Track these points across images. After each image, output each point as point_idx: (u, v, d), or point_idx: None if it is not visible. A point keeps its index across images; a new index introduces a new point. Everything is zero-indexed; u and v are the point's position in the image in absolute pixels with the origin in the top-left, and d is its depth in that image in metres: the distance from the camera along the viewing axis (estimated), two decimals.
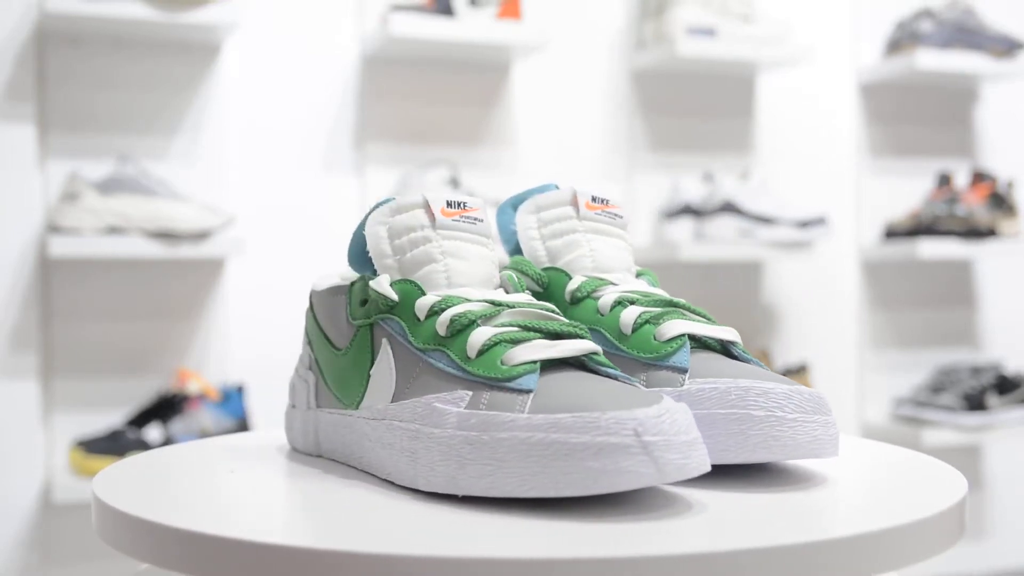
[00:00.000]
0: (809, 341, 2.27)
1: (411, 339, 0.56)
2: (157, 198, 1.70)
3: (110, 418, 1.79)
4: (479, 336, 0.54)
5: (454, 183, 1.90)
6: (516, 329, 0.54)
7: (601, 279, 0.63)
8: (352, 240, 0.61)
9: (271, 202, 1.91)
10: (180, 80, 1.85)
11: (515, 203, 0.67)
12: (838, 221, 2.28)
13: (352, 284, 0.61)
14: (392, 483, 0.56)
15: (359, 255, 0.61)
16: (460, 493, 0.51)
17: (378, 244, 0.59)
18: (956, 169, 2.37)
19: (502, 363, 0.52)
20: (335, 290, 0.63)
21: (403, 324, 0.57)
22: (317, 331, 0.64)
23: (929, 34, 2.18)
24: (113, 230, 1.68)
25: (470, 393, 0.52)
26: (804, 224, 2.05)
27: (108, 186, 1.68)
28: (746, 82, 2.22)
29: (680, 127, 2.17)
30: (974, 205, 2.18)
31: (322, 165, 1.95)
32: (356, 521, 0.48)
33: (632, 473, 0.47)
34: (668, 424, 0.48)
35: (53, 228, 1.67)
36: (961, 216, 2.15)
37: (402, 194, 1.87)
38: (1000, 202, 2.20)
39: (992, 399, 2.14)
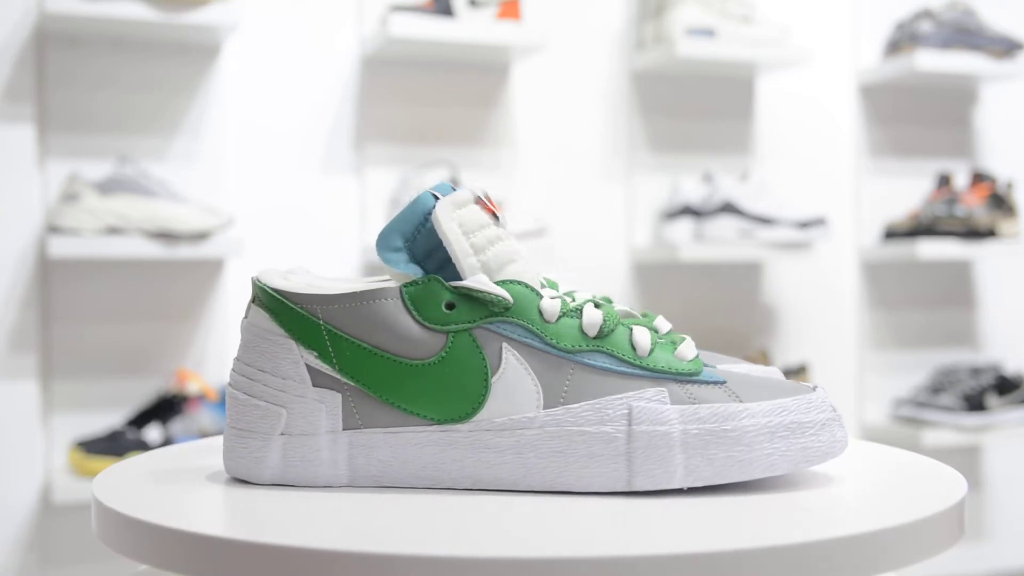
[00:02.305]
0: (809, 341, 2.27)
1: (551, 342, 0.54)
2: (157, 199, 1.70)
3: (110, 419, 1.79)
4: (643, 335, 0.55)
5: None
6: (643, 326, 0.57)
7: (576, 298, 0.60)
8: (391, 231, 0.55)
9: (270, 203, 1.91)
10: (180, 80, 1.85)
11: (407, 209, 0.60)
12: (838, 222, 2.28)
13: (412, 285, 0.55)
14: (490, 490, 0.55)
15: (411, 249, 0.55)
16: (698, 484, 0.53)
17: (460, 241, 0.54)
18: (956, 170, 2.37)
19: (677, 359, 0.55)
20: (374, 293, 0.55)
21: (530, 327, 0.54)
22: (342, 341, 0.55)
23: (929, 35, 2.18)
24: (113, 231, 1.68)
25: (664, 389, 0.53)
26: (804, 225, 2.05)
27: (108, 187, 1.68)
28: (746, 83, 2.22)
29: (680, 128, 2.17)
30: (974, 206, 2.18)
31: (321, 166, 1.95)
32: (356, 521, 0.48)
33: (840, 442, 0.54)
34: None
35: (53, 228, 1.67)
36: (961, 217, 2.15)
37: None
38: (1000, 203, 2.20)
39: (992, 399, 2.14)
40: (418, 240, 0.55)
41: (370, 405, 0.55)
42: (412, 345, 0.54)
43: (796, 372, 2.10)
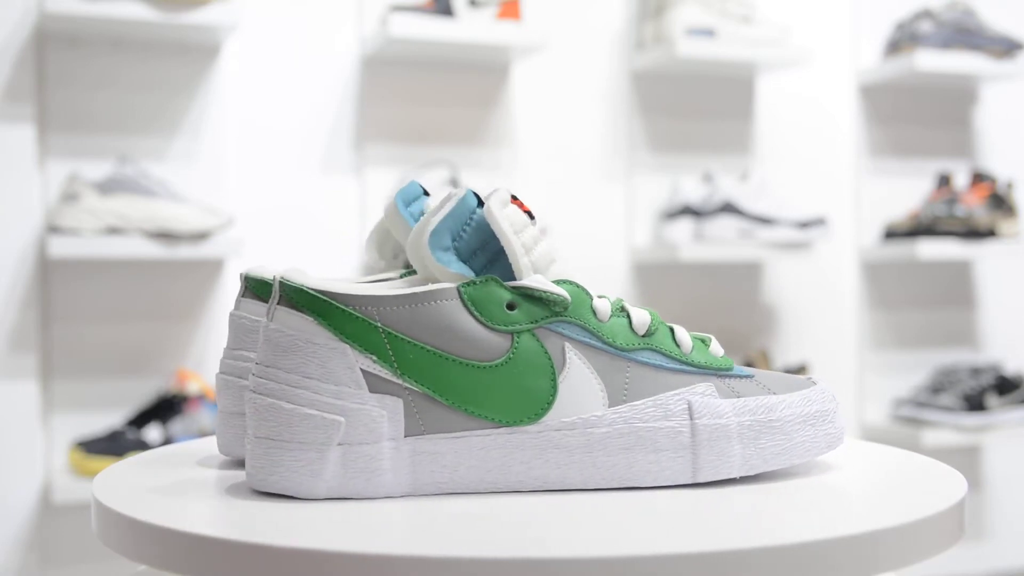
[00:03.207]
0: (809, 341, 2.27)
1: (608, 340, 0.55)
2: (156, 199, 1.70)
3: (110, 419, 1.79)
4: (684, 333, 0.58)
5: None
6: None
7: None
8: (442, 229, 0.54)
9: (270, 203, 1.91)
10: (180, 80, 1.85)
11: (408, 202, 0.60)
12: (838, 222, 2.28)
13: (470, 285, 0.53)
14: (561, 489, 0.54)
15: (457, 249, 0.54)
16: (752, 472, 0.55)
17: (516, 240, 0.54)
18: (956, 170, 2.37)
19: (713, 355, 0.58)
20: (433, 294, 0.53)
21: (587, 326, 0.55)
22: (403, 344, 0.53)
23: (929, 35, 2.18)
24: (113, 231, 1.68)
25: (711, 384, 0.56)
26: (804, 225, 2.05)
27: (108, 187, 1.68)
28: (746, 83, 2.22)
29: (680, 128, 2.17)
30: (974, 206, 2.18)
31: (321, 166, 1.95)
32: (356, 522, 0.48)
33: (843, 429, 0.59)
34: None
35: (53, 228, 1.67)
36: (961, 217, 2.15)
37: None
38: (1000, 203, 2.20)
39: (992, 399, 2.14)
40: (464, 239, 0.54)
41: (434, 410, 0.53)
42: (477, 347, 0.53)
43: (796, 372, 2.10)
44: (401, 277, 0.61)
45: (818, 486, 0.55)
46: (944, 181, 2.23)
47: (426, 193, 0.62)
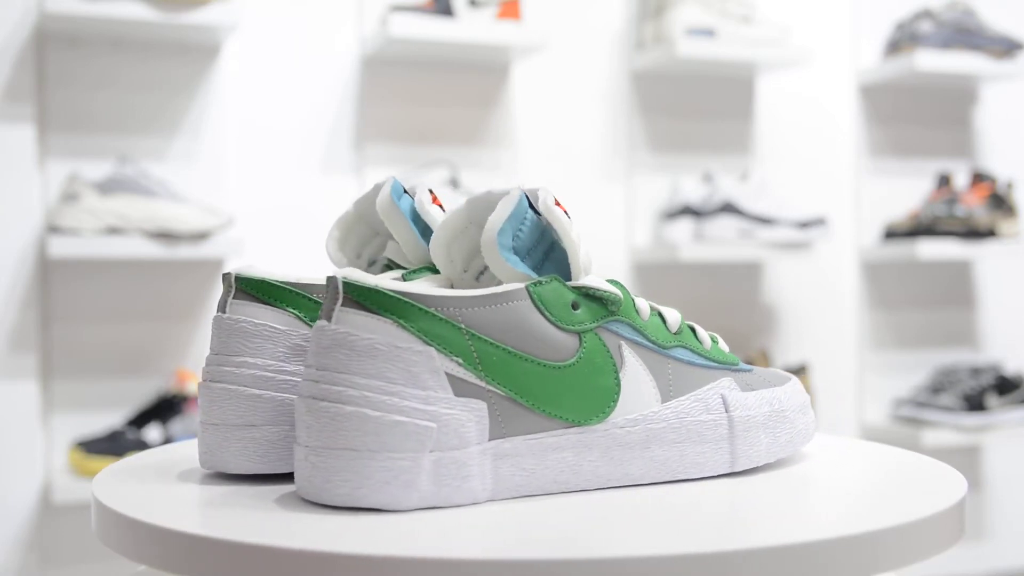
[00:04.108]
0: (809, 341, 2.27)
1: (652, 339, 0.57)
2: (156, 199, 1.70)
3: (110, 419, 1.79)
4: (702, 331, 0.60)
5: (454, 184, 1.90)
6: None
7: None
8: (507, 229, 0.53)
9: (270, 203, 1.91)
10: (180, 80, 1.85)
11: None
12: (838, 222, 2.28)
13: (537, 285, 0.53)
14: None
15: (515, 249, 0.53)
16: (773, 460, 0.59)
17: (577, 240, 0.54)
18: (956, 170, 2.37)
19: (726, 351, 0.61)
20: (508, 295, 0.52)
21: (635, 325, 0.56)
22: (486, 346, 0.52)
23: (929, 35, 2.18)
24: (113, 231, 1.68)
25: (731, 378, 0.59)
26: (804, 225, 2.05)
27: (108, 187, 1.68)
28: (746, 83, 2.22)
29: (680, 128, 2.17)
30: (974, 206, 2.18)
31: (321, 166, 1.95)
32: (355, 522, 0.48)
33: (815, 419, 0.62)
34: None
35: (53, 228, 1.67)
36: (961, 217, 2.15)
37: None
38: (1000, 203, 2.20)
39: (992, 399, 2.14)
40: (520, 238, 0.53)
41: (513, 411, 0.52)
42: (550, 347, 0.53)
43: (796, 372, 2.10)
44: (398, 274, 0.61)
45: (818, 486, 0.55)
46: (944, 181, 2.23)
47: (406, 192, 0.61)
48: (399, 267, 0.63)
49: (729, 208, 2.02)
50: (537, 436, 0.53)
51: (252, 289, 0.58)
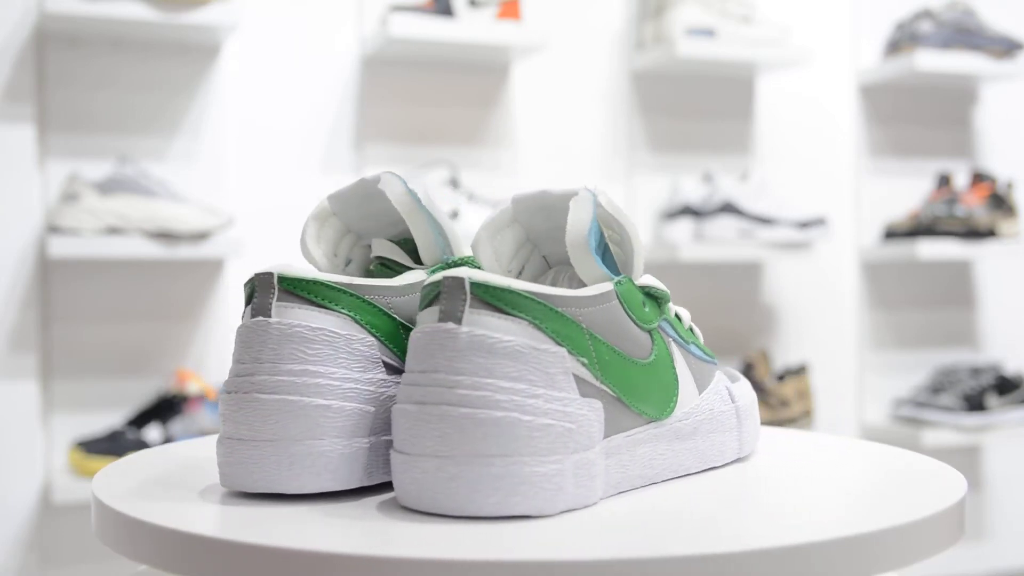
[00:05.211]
0: (809, 341, 2.27)
1: (683, 336, 0.59)
2: (156, 199, 1.70)
3: (110, 419, 1.80)
4: (697, 331, 0.64)
5: (454, 184, 1.90)
6: None
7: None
8: (594, 230, 0.53)
9: (270, 203, 1.91)
10: (180, 80, 1.85)
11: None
12: (838, 222, 2.28)
13: (619, 284, 0.53)
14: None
15: (594, 244, 0.54)
16: (758, 443, 0.64)
17: (640, 240, 0.56)
18: (956, 170, 2.37)
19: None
20: (605, 295, 0.52)
21: (671, 322, 0.58)
22: (601, 345, 0.52)
23: (929, 35, 2.18)
24: (113, 231, 1.68)
25: (720, 372, 0.63)
26: (804, 225, 2.05)
27: (108, 187, 1.68)
28: (746, 83, 2.22)
29: (680, 128, 2.17)
30: (974, 206, 2.18)
31: (321, 166, 1.95)
32: (355, 523, 0.48)
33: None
34: None
35: (53, 228, 1.67)
36: (961, 217, 2.15)
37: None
38: (1000, 203, 2.20)
39: (992, 399, 2.14)
40: (590, 239, 0.54)
41: (617, 410, 0.52)
42: (637, 345, 0.54)
43: (796, 372, 2.10)
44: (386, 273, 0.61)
45: (818, 486, 0.55)
46: (944, 181, 2.23)
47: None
48: (392, 266, 0.62)
49: (729, 208, 2.02)
50: (630, 433, 0.54)
51: (301, 290, 0.53)
